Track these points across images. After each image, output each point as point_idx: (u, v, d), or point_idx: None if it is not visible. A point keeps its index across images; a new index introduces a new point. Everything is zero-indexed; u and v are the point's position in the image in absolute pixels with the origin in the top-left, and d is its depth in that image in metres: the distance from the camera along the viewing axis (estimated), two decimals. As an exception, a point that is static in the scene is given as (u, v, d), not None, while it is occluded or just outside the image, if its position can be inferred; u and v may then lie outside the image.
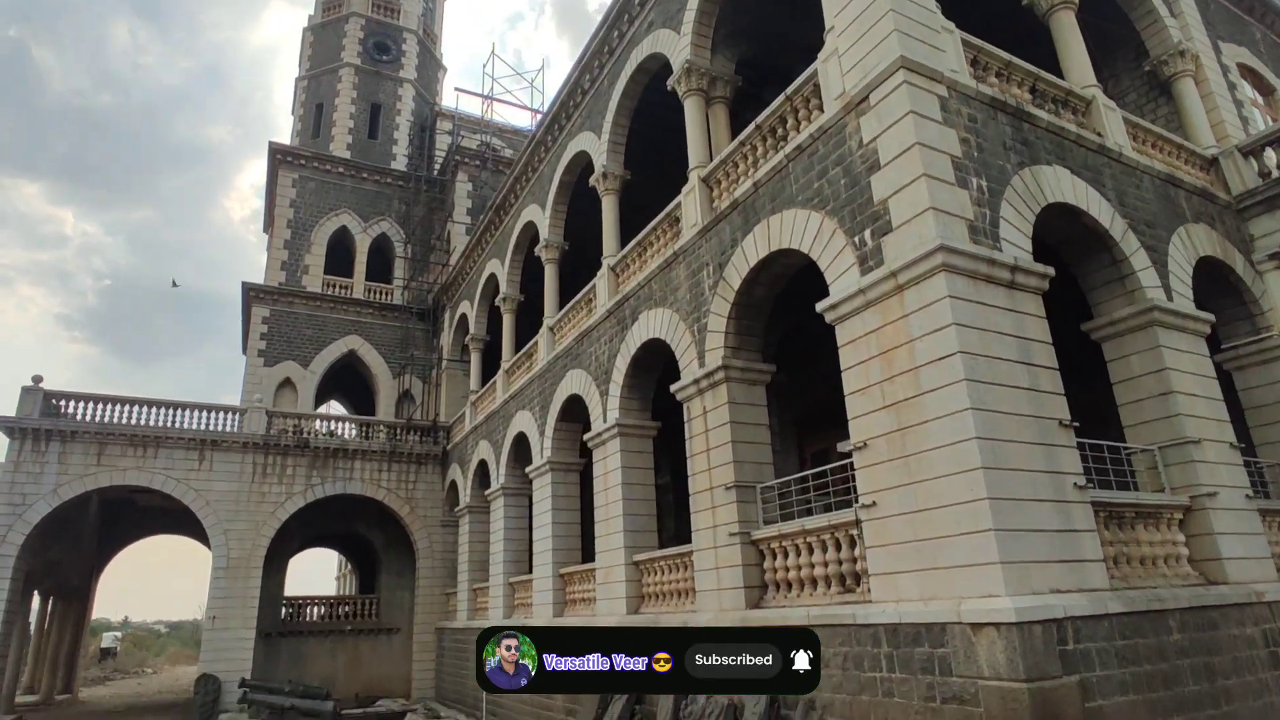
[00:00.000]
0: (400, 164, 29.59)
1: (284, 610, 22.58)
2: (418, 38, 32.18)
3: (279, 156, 27.21)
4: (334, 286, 26.75)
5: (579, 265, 18.79)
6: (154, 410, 20.64)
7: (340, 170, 27.94)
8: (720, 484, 9.54)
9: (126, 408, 20.43)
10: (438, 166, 29.48)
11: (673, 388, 10.83)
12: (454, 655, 20.31)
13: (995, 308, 7.13)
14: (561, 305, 16.62)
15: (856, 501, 7.61)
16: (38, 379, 19.79)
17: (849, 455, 7.73)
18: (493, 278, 21.00)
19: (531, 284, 19.72)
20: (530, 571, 16.21)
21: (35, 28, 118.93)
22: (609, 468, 12.52)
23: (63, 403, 19.97)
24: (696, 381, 10.23)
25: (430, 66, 33.07)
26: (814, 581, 8.27)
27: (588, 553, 14.11)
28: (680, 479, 11.02)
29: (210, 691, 19.20)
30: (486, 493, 18.66)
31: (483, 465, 19.82)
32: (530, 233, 18.71)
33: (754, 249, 9.56)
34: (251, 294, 25.47)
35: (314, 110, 30.11)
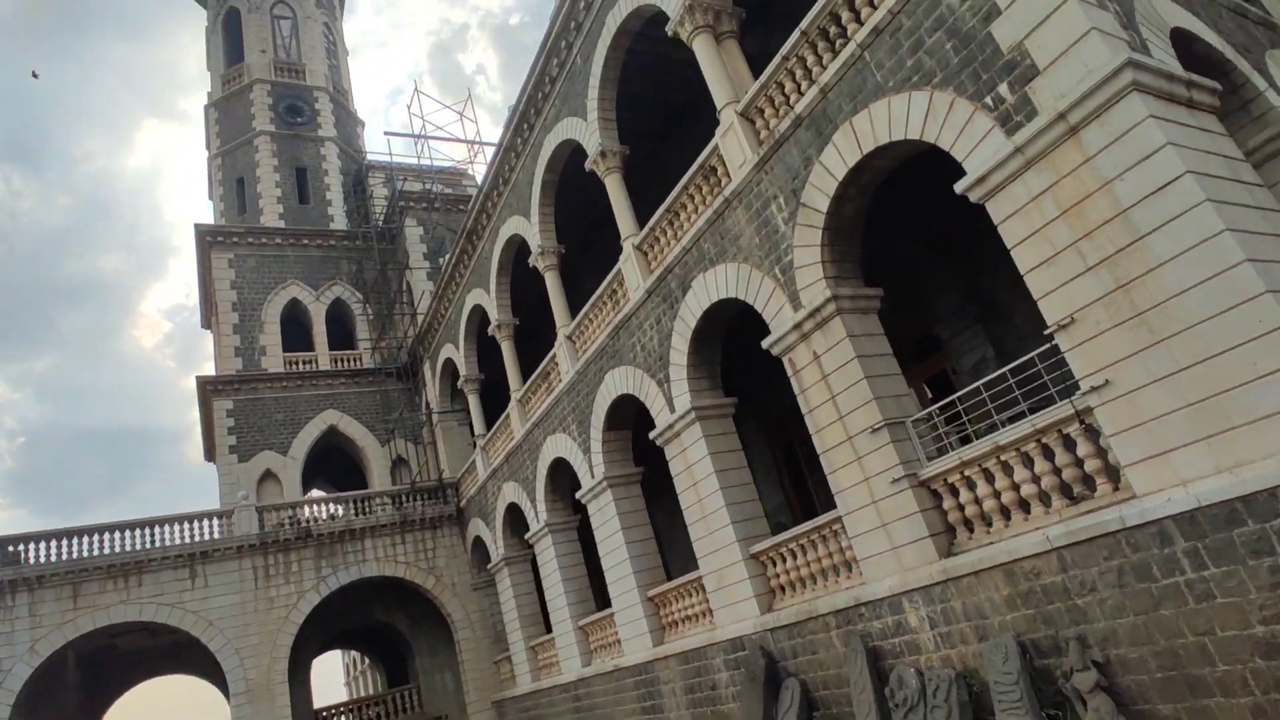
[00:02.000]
0: (340, 224, 27.78)
1: (318, 724, 20.12)
2: (329, 94, 30.57)
3: (209, 238, 25.08)
4: (297, 363, 24.61)
5: (580, 268, 17.48)
6: (130, 533, 18.22)
7: (278, 241, 25.94)
8: (862, 429, 8.22)
9: (98, 537, 17.95)
10: (379, 219, 27.76)
11: (765, 342, 9.51)
12: (524, 726, 18.25)
13: (1189, 127, 6.09)
14: (573, 311, 15.22)
15: (1068, 393, 6.41)
16: (-13, 526, 17.21)
17: (1050, 340, 6.52)
18: (477, 309, 19.41)
19: (524, 304, 18.27)
20: (604, 606, 14.52)
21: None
22: (692, 459, 11.06)
23: (23, 547, 17.39)
24: (798, 326, 8.93)
25: (348, 122, 31.44)
26: (1023, 504, 6.99)
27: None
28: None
29: (258, 835, 16.70)
30: (527, 536, 16.87)
31: (513, 510, 18.03)
32: (515, 247, 17.30)
33: (838, 159, 8.39)
34: (209, 388, 23.14)
35: (235, 186, 28.07)
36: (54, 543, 17.60)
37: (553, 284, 15.52)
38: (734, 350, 11.55)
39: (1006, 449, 6.98)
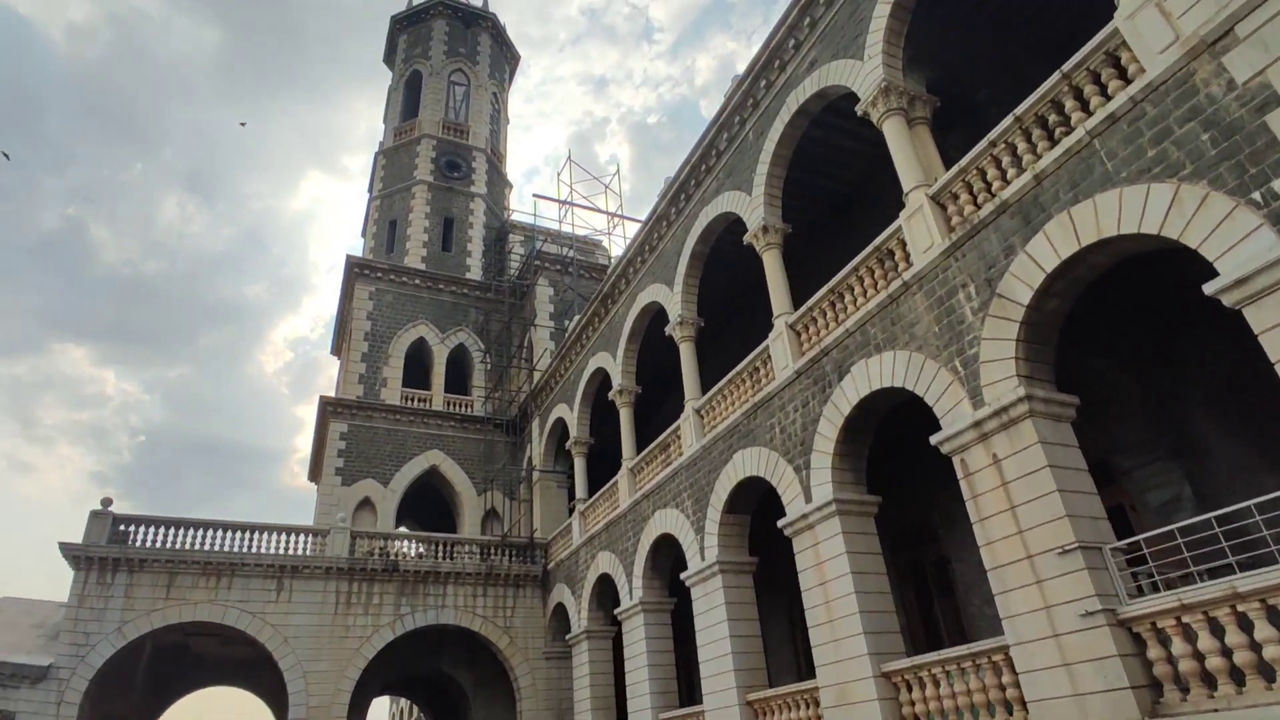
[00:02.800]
0: (475, 274, 28.79)
1: (363, 771, 19.32)
2: (486, 155, 32.35)
3: (356, 270, 26.44)
4: (412, 399, 25.15)
5: (712, 346, 17.15)
6: (229, 534, 18.49)
7: (417, 282, 27.08)
8: (1047, 548, 7.23)
9: (199, 532, 18.30)
10: (513, 275, 28.61)
11: (936, 438, 8.70)
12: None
13: None
14: (704, 387, 14.76)
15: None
16: (107, 502, 17.87)
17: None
18: (599, 373, 19.27)
19: (644, 375, 17.98)
20: (691, 703, 13.39)
21: (95, 208, 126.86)
22: (825, 555, 10.15)
23: (132, 528, 17.90)
24: (978, 424, 8.12)
25: (498, 183, 33.06)
26: (1266, 669, 5.82)
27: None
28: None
29: None
30: (616, 611, 16.00)
31: (603, 581, 17.26)
32: (650, 315, 17.16)
33: (1049, 249, 7.74)
34: (330, 408, 23.84)
35: (387, 227, 29.74)
36: (160, 530, 18.04)
37: (687, 355, 15.18)
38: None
39: (1248, 598, 5.87)
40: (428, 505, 25.49)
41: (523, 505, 23.69)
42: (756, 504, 12.80)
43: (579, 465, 19.91)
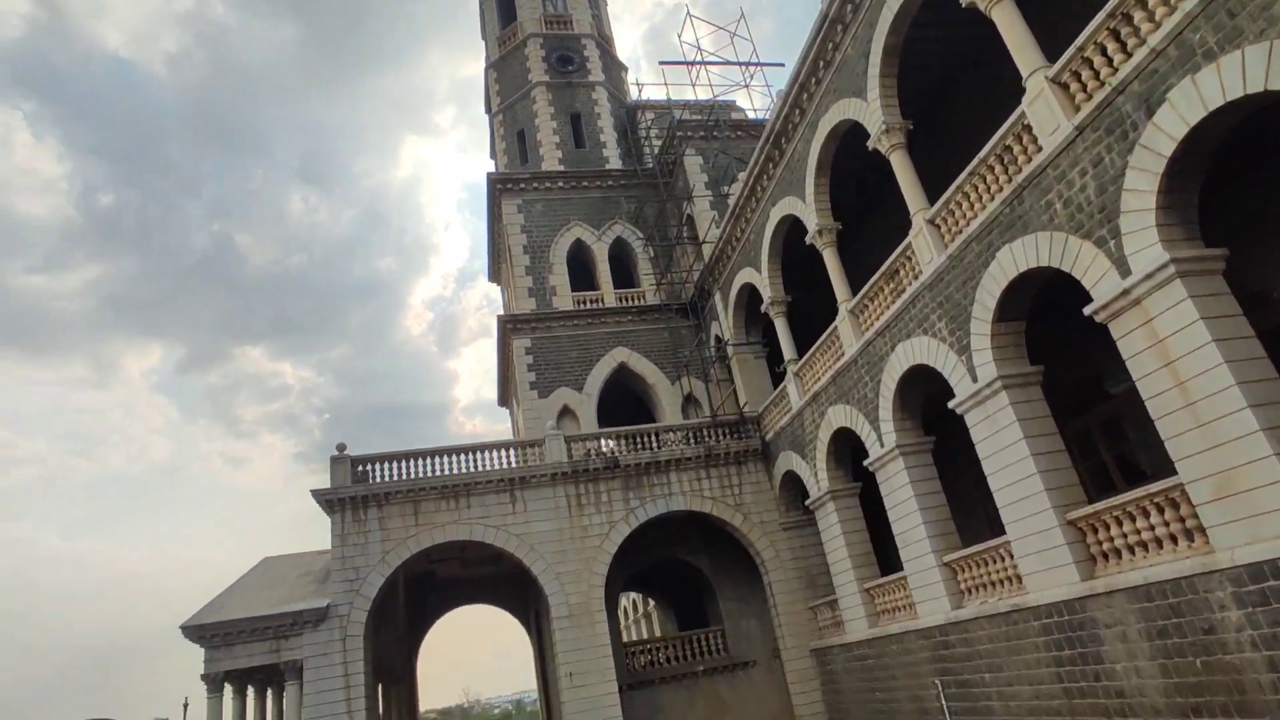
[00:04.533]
0: (615, 164, 27.51)
1: (627, 659, 19.76)
2: (595, 41, 30.46)
3: (499, 186, 25.83)
4: (584, 302, 24.65)
5: (932, 149, 15.00)
6: (454, 458, 18.86)
7: (560, 184, 26.17)
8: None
9: (428, 460, 18.77)
10: (654, 157, 27.07)
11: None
12: (858, 677, 16.39)
13: None
14: (930, 194, 12.84)
15: None
16: (342, 447, 18.58)
17: None
18: (784, 221, 17.65)
19: (844, 203, 16.19)
20: (969, 543, 12.19)
21: (233, 219, 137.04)
22: (1183, 322, 8.11)
23: (371, 467, 18.61)
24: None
25: (614, 67, 31.19)
26: None
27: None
28: None
29: (589, 759, 16.49)
30: (867, 463, 14.84)
31: (838, 438, 16.14)
32: (839, 137, 15.21)
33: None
34: (509, 326, 23.80)
35: (516, 139, 28.88)
36: (396, 464, 18.65)
37: (901, 165, 13.23)
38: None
39: None
40: (623, 405, 25.22)
41: (720, 385, 22.86)
42: (1028, 308, 11.01)
43: (780, 327, 18.61)
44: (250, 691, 20.94)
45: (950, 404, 12.07)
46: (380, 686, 25.72)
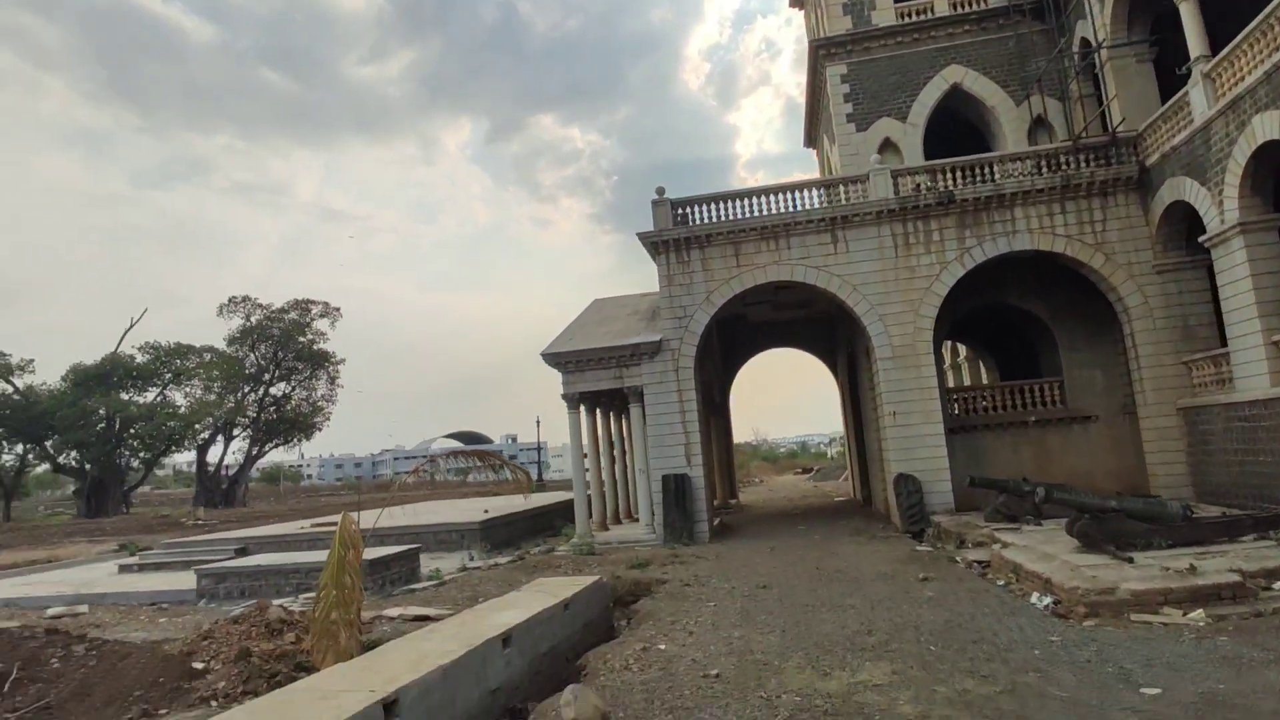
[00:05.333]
0: None
1: (952, 404, 19.17)
2: None
3: (806, -121, 22.06)
4: (909, 14, 21.15)
5: None
6: (776, 197, 18.26)
7: None
8: None
9: (749, 200, 18.41)
10: None
11: None
12: (1239, 439, 14.22)
13: None
14: None
15: None
16: (661, 190, 18.85)
17: None
18: None
19: None
20: None
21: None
22: None
23: (688, 209, 18.79)
24: None
25: None
26: None
27: None
28: None
29: (913, 492, 16.82)
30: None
31: (1263, 155, 12.62)
32: None
33: None
34: (820, 51, 21.45)
35: None
36: (714, 206, 18.61)
37: None
38: None
39: None
40: (953, 136, 22.24)
41: (1083, 101, 18.93)
42: None
43: (1188, 12, 14.36)
44: (597, 413, 24.15)
45: None
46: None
